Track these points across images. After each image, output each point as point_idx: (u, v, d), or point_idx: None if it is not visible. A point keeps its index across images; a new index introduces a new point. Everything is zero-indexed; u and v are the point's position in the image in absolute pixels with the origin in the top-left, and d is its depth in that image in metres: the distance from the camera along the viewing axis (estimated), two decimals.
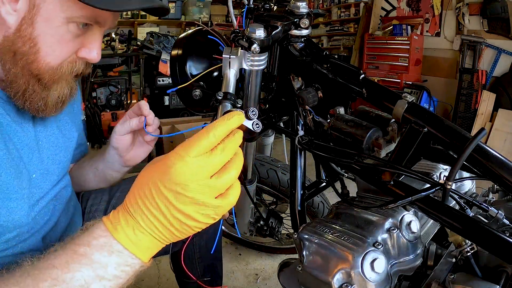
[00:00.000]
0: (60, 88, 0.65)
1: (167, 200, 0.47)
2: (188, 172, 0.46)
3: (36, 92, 0.62)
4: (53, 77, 0.62)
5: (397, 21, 4.47)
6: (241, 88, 0.77)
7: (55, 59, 0.61)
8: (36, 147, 0.70)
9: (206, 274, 1.19)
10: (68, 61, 0.63)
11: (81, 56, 0.64)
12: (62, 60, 0.62)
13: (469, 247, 0.65)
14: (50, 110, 0.66)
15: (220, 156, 0.48)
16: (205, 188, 0.47)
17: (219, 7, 6.26)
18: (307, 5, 0.78)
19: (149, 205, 0.49)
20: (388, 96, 0.71)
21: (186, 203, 0.47)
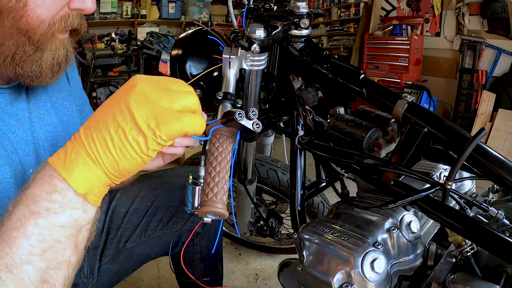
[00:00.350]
0: (55, 49, 0.59)
1: (112, 113, 0.45)
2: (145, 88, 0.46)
3: (28, 54, 0.56)
4: (45, 34, 0.56)
5: (397, 21, 4.47)
6: (241, 88, 0.77)
7: (46, 11, 0.55)
8: (31, 141, 0.67)
9: (206, 275, 1.19)
10: (60, 15, 0.57)
11: (74, 7, 0.58)
12: (54, 13, 0.56)
13: (469, 247, 0.65)
14: (46, 74, 0.60)
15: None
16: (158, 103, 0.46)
17: (219, 7, 6.26)
18: (307, 5, 0.78)
19: (94, 124, 0.46)
20: (388, 96, 0.71)
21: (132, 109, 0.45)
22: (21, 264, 0.44)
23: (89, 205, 0.48)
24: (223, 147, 0.62)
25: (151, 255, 1.05)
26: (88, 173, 0.46)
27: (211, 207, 0.59)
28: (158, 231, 1.02)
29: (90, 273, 0.93)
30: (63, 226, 0.46)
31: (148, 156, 0.47)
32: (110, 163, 0.46)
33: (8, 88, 0.63)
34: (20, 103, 0.65)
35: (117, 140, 0.45)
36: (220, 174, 0.60)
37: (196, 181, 0.69)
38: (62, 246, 0.46)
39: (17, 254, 0.44)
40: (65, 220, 0.46)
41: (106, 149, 0.46)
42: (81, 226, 0.48)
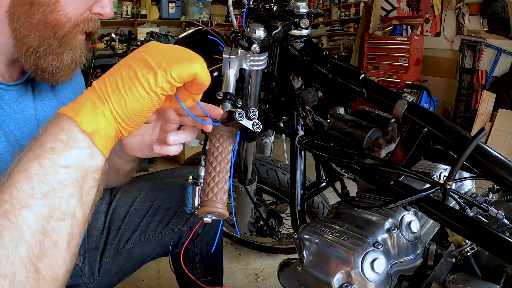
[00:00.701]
0: (74, 48, 0.63)
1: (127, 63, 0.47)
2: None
3: (52, 47, 0.59)
4: (70, 32, 0.60)
5: (397, 21, 4.47)
6: (241, 88, 0.77)
7: (74, 10, 0.59)
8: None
9: (206, 275, 1.19)
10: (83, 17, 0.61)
11: (95, 12, 0.62)
12: (80, 14, 0.60)
13: (469, 247, 0.65)
14: (65, 71, 0.63)
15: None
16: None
17: (219, 7, 6.26)
18: (307, 5, 0.78)
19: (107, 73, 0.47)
20: (388, 96, 0.71)
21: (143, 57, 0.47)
22: (20, 209, 0.40)
23: (95, 148, 0.45)
24: (223, 147, 0.62)
25: (151, 256, 1.05)
26: (96, 112, 0.45)
27: (211, 207, 0.59)
28: (158, 231, 1.02)
29: (90, 274, 0.94)
30: (68, 167, 0.43)
31: (156, 94, 0.46)
32: (117, 101, 0.45)
33: (15, 85, 0.65)
34: (27, 100, 0.66)
35: (126, 78, 0.45)
36: (220, 174, 0.60)
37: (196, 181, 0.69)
38: (66, 191, 0.43)
39: (17, 198, 0.40)
40: (70, 160, 0.43)
41: (115, 87, 0.45)
42: (87, 172, 0.45)
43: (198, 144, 3.11)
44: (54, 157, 0.43)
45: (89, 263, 0.94)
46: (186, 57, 0.48)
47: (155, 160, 3.26)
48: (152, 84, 0.45)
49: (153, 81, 0.45)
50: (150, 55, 0.47)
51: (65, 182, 0.43)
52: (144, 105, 0.46)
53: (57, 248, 0.42)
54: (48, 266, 0.41)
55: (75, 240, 0.45)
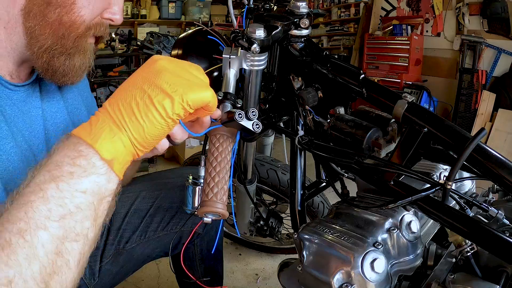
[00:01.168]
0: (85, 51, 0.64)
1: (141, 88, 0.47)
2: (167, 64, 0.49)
3: (65, 47, 0.60)
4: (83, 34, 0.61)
5: (397, 21, 4.47)
6: (241, 88, 0.77)
7: (88, 13, 0.61)
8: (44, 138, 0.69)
9: (206, 275, 1.19)
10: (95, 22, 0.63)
11: (106, 17, 0.64)
12: (92, 18, 0.62)
13: (469, 247, 0.65)
14: (74, 74, 0.64)
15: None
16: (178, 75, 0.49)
17: (219, 7, 6.26)
18: (307, 5, 0.78)
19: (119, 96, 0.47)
20: (388, 96, 0.71)
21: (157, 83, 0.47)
22: (36, 229, 0.41)
23: (113, 173, 0.46)
24: (223, 147, 0.62)
25: (151, 256, 1.05)
26: (114, 139, 0.46)
27: (211, 207, 0.59)
28: (158, 231, 1.02)
29: (91, 274, 0.93)
30: (86, 192, 0.44)
31: (172, 120, 0.48)
32: (135, 128, 0.46)
33: (23, 86, 0.65)
34: (34, 100, 0.67)
35: (142, 105, 0.46)
36: (220, 174, 0.60)
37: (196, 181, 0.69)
38: (82, 214, 0.44)
39: (33, 219, 0.41)
40: (88, 186, 0.44)
41: (131, 114, 0.46)
42: (103, 196, 0.46)
43: (198, 144, 3.11)
44: (72, 181, 0.44)
45: (89, 264, 0.94)
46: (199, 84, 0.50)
47: (155, 160, 3.26)
48: (169, 111, 0.46)
49: (170, 108, 0.46)
50: (163, 80, 0.47)
51: (82, 206, 0.44)
52: (161, 130, 0.48)
53: (68, 266, 0.44)
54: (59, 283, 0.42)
55: (84, 258, 0.46)
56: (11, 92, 0.62)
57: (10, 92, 0.62)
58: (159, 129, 0.47)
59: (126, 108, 0.46)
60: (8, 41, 0.60)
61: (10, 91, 0.62)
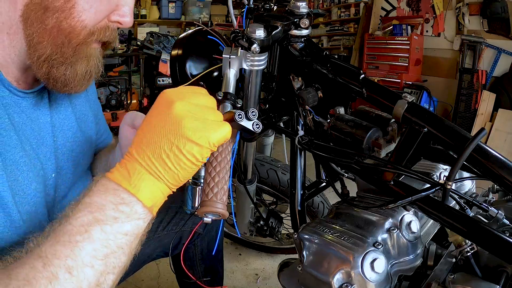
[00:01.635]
0: (89, 58, 0.59)
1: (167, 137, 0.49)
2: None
3: (65, 56, 0.56)
4: (84, 40, 0.57)
5: (397, 21, 4.47)
6: (241, 88, 0.77)
7: (90, 18, 0.55)
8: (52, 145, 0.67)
9: (207, 275, 1.19)
10: (100, 26, 0.58)
11: (114, 20, 0.59)
12: (96, 22, 0.57)
13: (469, 247, 0.65)
14: (77, 83, 0.60)
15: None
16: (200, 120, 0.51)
17: (219, 7, 6.26)
18: (307, 5, 0.78)
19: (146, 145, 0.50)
20: (388, 96, 0.71)
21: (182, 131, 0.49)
22: (83, 266, 0.45)
23: (151, 216, 0.52)
24: (223, 147, 0.62)
25: (151, 256, 1.05)
26: (153, 188, 0.50)
27: (211, 207, 0.59)
28: (158, 232, 1.02)
29: None
30: (127, 234, 0.49)
31: (202, 163, 0.52)
32: (171, 176, 0.50)
33: (31, 93, 0.63)
34: (42, 107, 0.65)
35: (173, 157, 0.49)
36: (220, 174, 0.60)
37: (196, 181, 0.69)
38: (122, 252, 0.49)
39: (79, 256, 0.45)
40: (130, 229, 0.49)
41: (165, 165, 0.50)
42: (139, 235, 0.51)
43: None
44: (116, 225, 0.48)
45: None
46: (217, 122, 0.52)
47: None
48: (198, 157, 0.50)
49: (199, 154, 0.50)
50: (186, 128, 0.49)
51: (123, 245, 0.49)
52: (192, 172, 0.52)
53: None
54: None
55: (116, 282, 0.51)
56: (19, 99, 0.60)
57: (18, 99, 0.60)
58: (191, 172, 0.52)
59: (158, 160, 0.49)
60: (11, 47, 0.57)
61: (18, 97, 0.60)
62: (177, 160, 0.49)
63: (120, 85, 4.07)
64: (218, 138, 0.51)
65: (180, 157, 0.49)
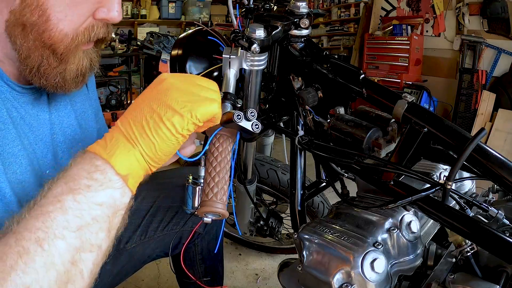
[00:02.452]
0: (78, 60, 0.59)
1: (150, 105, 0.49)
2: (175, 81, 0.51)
3: (52, 67, 0.57)
4: (69, 47, 0.56)
5: (397, 21, 4.47)
6: (241, 88, 0.77)
7: (69, 25, 0.54)
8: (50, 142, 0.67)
9: (207, 275, 1.19)
10: (84, 27, 0.56)
11: (100, 18, 0.57)
12: (78, 26, 0.56)
13: (469, 247, 0.65)
14: (70, 85, 0.60)
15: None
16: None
17: (219, 7, 6.26)
18: (307, 5, 0.78)
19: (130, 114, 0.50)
20: (388, 96, 0.71)
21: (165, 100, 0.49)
22: (54, 238, 0.42)
23: (127, 188, 0.49)
24: (223, 147, 0.62)
25: (151, 256, 1.05)
26: (128, 155, 0.48)
27: (211, 207, 0.59)
28: (158, 232, 1.02)
29: None
30: (102, 204, 0.46)
31: (182, 136, 0.50)
32: (147, 144, 0.48)
33: (30, 89, 0.63)
34: (42, 104, 0.65)
35: (152, 123, 0.48)
36: (220, 174, 0.60)
37: (196, 181, 0.69)
38: (98, 226, 0.46)
39: (51, 228, 0.43)
40: (104, 199, 0.47)
41: (143, 132, 0.48)
42: (117, 210, 0.49)
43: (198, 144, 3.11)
44: (89, 194, 0.46)
45: None
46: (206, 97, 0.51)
47: None
48: (178, 127, 0.49)
49: (179, 124, 0.49)
50: (171, 97, 0.49)
51: (98, 218, 0.46)
52: (171, 146, 0.50)
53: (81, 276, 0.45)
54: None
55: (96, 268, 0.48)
56: (18, 94, 0.60)
57: (17, 94, 0.60)
58: (169, 145, 0.49)
59: (137, 126, 0.48)
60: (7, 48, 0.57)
61: (17, 93, 0.60)
62: (155, 127, 0.48)
63: (120, 85, 4.07)
64: (203, 112, 0.50)
65: (159, 124, 0.48)
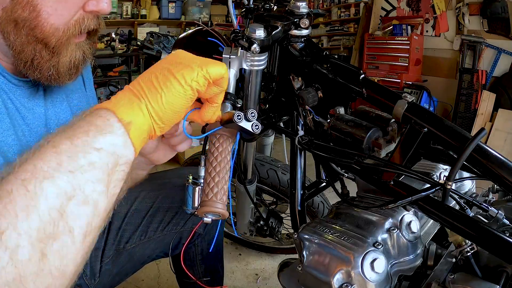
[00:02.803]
0: (71, 53, 0.60)
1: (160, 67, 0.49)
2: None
3: (45, 59, 0.58)
4: (60, 40, 0.58)
5: (397, 21, 4.47)
6: (241, 88, 0.77)
7: (59, 19, 0.56)
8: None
9: (207, 275, 1.19)
10: (75, 19, 0.58)
11: (90, 10, 0.58)
12: (68, 19, 0.57)
13: (469, 247, 0.65)
14: (63, 77, 0.62)
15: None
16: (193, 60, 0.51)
17: (219, 7, 6.26)
18: (307, 5, 0.78)
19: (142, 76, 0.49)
20: (388, 96, 0.71)
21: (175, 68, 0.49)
22: (42, 179, 0.37)
23: (129, 141, 0.45)
24: (223, 147, 0.62)
25: (151, 256, 1.05)
26: (133, 105, 0.45)
27: (211, 207, 0.59)
28: (158, 232, 1.02)
29: (91, 274, 0.94)
30: (100, 150, 0.41)
31: (191, 89, 0.47)
32: (152, 96, 0.46)
33: (26, 82, 0.64)
34: (38, 98, 0.66)
35: (162, 77, 0.47)
36: (220, 174, 0.60)
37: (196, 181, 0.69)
38: (94, 174, 0.40)
39: (41, 170, 0.37)
40: (104, 144, 0.42)
41: (150, 85, 0.47)
42: (117, 161, 0.43)
43: (198, 144, 3.11)
44: (87, 138, 0.41)
45: (90, 264, 0.94)
46: (214, 61, 0.51)
47: None
48: (187, 78, 0.47)
49: (189, 75, 0.47)
50: (182, 58, 0.50)
51: (95, 164, 0.41)
52: (179, 98, 0.47)
53: (72, 236, 0.38)
54: (57, 254, 0.37)
55: (91, 235, 0.41)
56: (14, 87, 0.62)
57: (13, 87, 0.62)
58: (176, 96, 0.47)
59: (145, 82, 0.47)
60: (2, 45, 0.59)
61: (13, 85, 0.62)
62: (163, 80, 0.47)
63: (120, 85, 4.08)
64: (213, 69, 0.49)
65: (168, 76, 0.47)
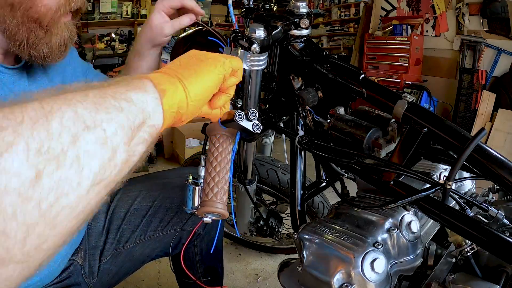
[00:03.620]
0: (61, 31, 0.68)
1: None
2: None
3: (39, 37, 0.65)
4: (53, 18, 0.65)
5: (397, 21, 4.47)
6: (241, 88, 0.77)
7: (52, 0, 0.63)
8: None
9: (207, 275, 1.19)
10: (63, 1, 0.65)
11: None
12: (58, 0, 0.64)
13: (469, 247, 0.65)
14: (55, 54, 0.69)
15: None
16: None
17: (219, 7, 6.26)
18: (307, 5, 0.78)
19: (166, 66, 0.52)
20: (388, 96, 0.71)
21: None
22: (61, 103, 0.32)
23: (160, 106, 0.42)
24: (223, 147, 0.62)
25: (151, 256, 1.05)
26: (167, 77, 0.46)
27: (211, 207, 0.59)
28: (158, 231, 1.02)
29: (90, 272, 0.94)
30: (131, 101, 0.38)
31: (224, 69, 0.53)
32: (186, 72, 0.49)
33: (12, 70, 0.70)
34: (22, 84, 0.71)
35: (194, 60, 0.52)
36: (220, 174, 0.60)
37: (196, 181, 0.69)
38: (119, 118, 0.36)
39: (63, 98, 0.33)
40: (135, 98, 0.39)
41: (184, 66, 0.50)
42: (144, 121, 0.39)
43: (198, 144, 3.11)
44: (119, 89, 0.39)
45: (89, 262, 0.94)
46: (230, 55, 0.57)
47: (155, 160, 3.26)
48: (217, 64, 0.52)
49: (218, 60, 0.53)
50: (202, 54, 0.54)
51: (123, 109, 0.37)
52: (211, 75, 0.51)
53: (79, 174, 0.31)
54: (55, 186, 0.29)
55: (100, 186, 0.34)
56: (1, 74, 0.67)
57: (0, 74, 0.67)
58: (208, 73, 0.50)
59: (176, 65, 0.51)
60: None
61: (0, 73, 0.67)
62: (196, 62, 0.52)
63: None
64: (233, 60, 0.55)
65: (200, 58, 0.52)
